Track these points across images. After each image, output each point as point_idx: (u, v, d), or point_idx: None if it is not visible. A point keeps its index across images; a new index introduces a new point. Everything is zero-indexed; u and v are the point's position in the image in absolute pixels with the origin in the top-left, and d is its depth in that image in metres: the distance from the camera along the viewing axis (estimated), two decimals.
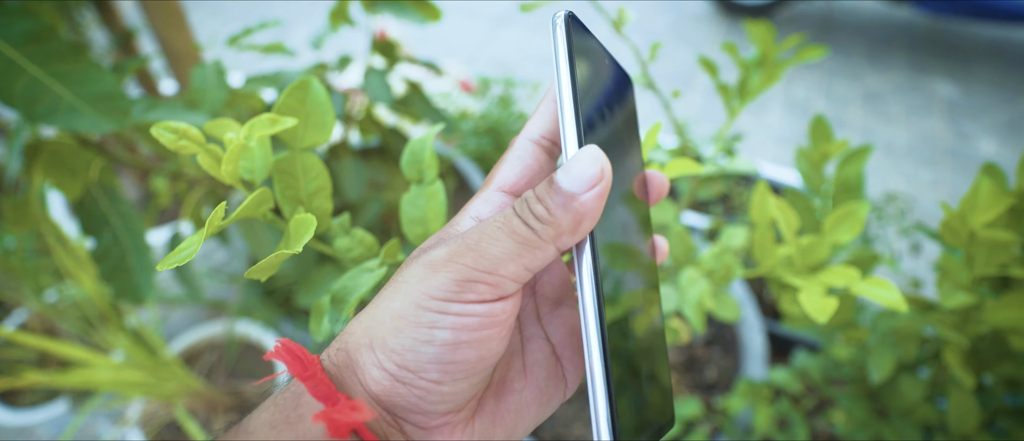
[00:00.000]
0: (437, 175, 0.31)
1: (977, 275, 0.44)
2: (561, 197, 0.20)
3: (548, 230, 0.20)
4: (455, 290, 0.20)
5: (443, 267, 0.21)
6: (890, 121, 2.03)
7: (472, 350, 0.21)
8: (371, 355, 0.21)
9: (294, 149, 0.30)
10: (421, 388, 0.21)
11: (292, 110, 0.30)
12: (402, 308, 0.21)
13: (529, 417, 0.25)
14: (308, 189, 0.30)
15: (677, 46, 2.38)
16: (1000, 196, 0.38)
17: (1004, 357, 0.56)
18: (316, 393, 0.21)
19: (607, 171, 0.20)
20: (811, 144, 0.53)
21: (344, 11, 0.80)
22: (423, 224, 0.32)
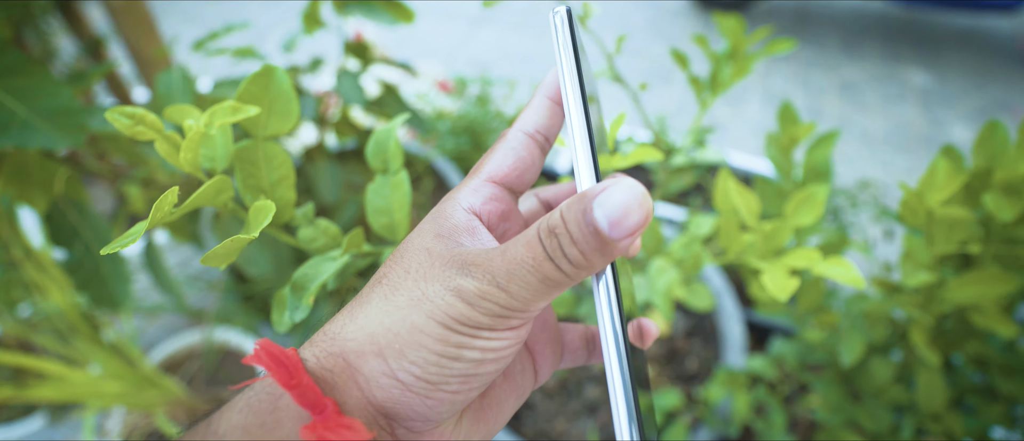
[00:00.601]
0: (402, 165, 0.32)
1: (937, 254, 0.45)
2: (598, 241, 0.18)
3: (580, 273, 0.19)
4: (488, 324, 0.20)
5: (474, 302, 0.20)
6: (866, 110, 2.06)
7: (494, 364, 0.21)
8: (380, 364, 0.21)
9: (257, 137, 0.30)
10: (436, 399, 0.21)
11: (255, 98, 0.30)
12: (426, 326, 0.20)
13: (507, 409, 0.26)
14: (271, 178, 0.30)
15: (654, 41, 2.40)
16: (955, 174, 0.39)
17: (969, 335, 0.57)
18: (302, 402, 0.19)
19: (651, 214, 0.18)
20: (780, 129, 0.54)
21: (315, 13, 0.80)
22: (388, 214, 0.32)
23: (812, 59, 2.31)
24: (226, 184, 0.26)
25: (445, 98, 1.34)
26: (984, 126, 0.42)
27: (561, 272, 0.19)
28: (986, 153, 0.42)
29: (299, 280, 0.27)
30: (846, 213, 1.09)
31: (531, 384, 0.27)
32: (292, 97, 0.29)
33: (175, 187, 0.22)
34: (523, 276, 0.19)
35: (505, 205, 0.24)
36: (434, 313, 0.20)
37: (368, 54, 0.91)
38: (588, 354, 0.29)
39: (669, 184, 0.65)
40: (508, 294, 0.20)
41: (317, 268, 0.28)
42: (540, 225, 0.20)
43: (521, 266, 0.19)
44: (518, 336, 0.21)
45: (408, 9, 0.82)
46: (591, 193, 0.18)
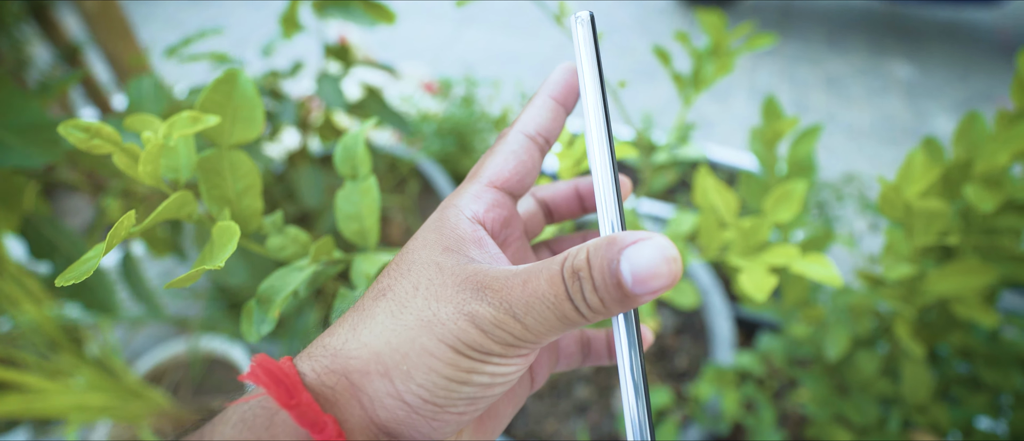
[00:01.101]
0: (370, 170, 0.31)
1: (918, 246, 0.45)
2: (620, 294, 0.18)
3: (598, 317, 0.19)
4: (499, 352, 0.20)
5: (489, 329, 0.19)
6: (851, 103, 2.07)
7: (501, 388, 0.21)
8: (386, 384, 0.20)
9: (221, 146, 0.29)
10: (442, 420, 0.21)
11: (217, 106, 0.29)
12: (437, 349, 0.20)
13: (504, 418, 0.26)
14: (236, 188, 0.30)
15: (640, 38, 2.41)
16: (931, 167, 0.39)
17: (952, 326, 0.58)
18: (302, 421, 0.19)
19: (678, 276, 0.18)
20: (763, 124, 0.54)
21: (294, 17, 0.79)
22: (358, 220, 0.31)
23: (797, 54, 2.32)
24: (188, 198, 0.25)
25: (430, 100, 1.34)
26: (963, 118, 0.42)
27: (579, 314, 0.19)
28: (966, 145, 0.42)
29: (265, 293, 0.26)
30: (832, 207, 1.10)
31: (528, 391, 0.27)
32: (256, 103, 0.29)
33: (131, 212, 0.22)
34: (541, 311, 0.19)
35: (507, 211, 0.24)
36: (445, 337, 0.20)
37: (350, 57, 0.90)
38: (582, 357, 0.29)
39: (653, 181, 0.65)
40: (524, 326, 0.19)
41: (284, 280, 0.27)
42: (565, 263, 0.19)
43: (541, 301, 0.19)
44: (527, 362, 0.21)
45: (389, 10, 0.82)
46: (621, 242, 0.18)
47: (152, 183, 0.27)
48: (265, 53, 0.85)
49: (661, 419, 0.85)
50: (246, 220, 0.30)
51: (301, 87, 1.44)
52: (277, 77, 0.87)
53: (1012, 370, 0.59)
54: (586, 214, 0.30)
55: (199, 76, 1.92)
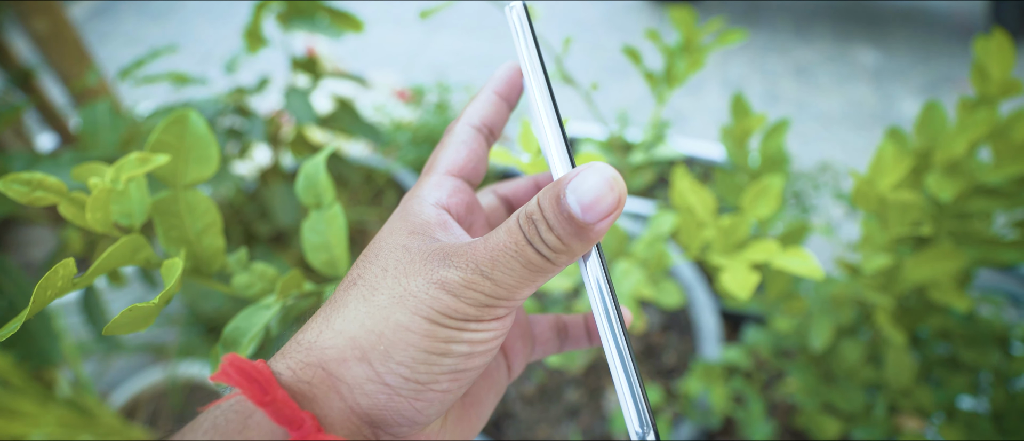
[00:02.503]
0: (335, 198, 0.30)
1: (893, 236, 0.45)
2: (574, 227, 0.19)
3: (562, 258, 0.20)
4: (475, 315, 0.20)
5: (460, 292, 0.20)
6: (821, 91, 2.11)
7: (482, 357, 0.21)
8: (365, 369, 0.20)
9: (176, 187, 0.28)
10: (425, 400, 0.20)
11: (169, 146, 0.28)
12: (412, 322, 0.19)
13: (486, 406, 0.26)
14: (196, 228, 0.28)
15: (611, 35, 2.42)
16: (901, 158, 0.39)
17: (930, 310, 0.58)
18: (278, 418, 0.18)
19: (624, 197, 0.19)
20: (733, 121, 0.54)
21: (257, 31, 0.77)
22: (327, 250, 0.30)
23: (766, 45, 2.35)
24: (139, 242, 0.24)
25: (404, 108, 1.32)
26: (923, 108, 0.43)
27: (543, 257, 0.19)
28: (927, 134, 0.42)
29: (231, 335, 0.25)
30: (809, 196, 1.11)
31: (506, 379, 0.27)
32: (210, 141, 0.28)
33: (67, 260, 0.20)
34: (507, 262, 0.19)
35: (468, 197, 0.24)
36: (419, 308, 0.20)
37: (318, 69, 0.89)
38: (559, 342, 0.29)
39: (630, 181, 0.65)
40: (493, 282, 0.19)
41: (250, 320, 0.26)
42: (520, 212, 0.20)
43: (504, 253, 0.19)
44: (504, 326, 0.21)
45: (356, 19, 0.80)
46: (565, 179, 0.19)
47: (103, 230, 0.25)
48: (229, 69, 0.83)
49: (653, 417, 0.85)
50: (208, 260, 0.28)
51: (269, 102, 1.41)
52: (243, 94, 0.85)
53: (989, 348, 0.60)
54: None
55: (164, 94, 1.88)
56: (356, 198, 1.09)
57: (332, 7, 0.78)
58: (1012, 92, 0.43)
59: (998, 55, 0.43)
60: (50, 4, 0.79)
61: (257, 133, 0.83)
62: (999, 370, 0.60)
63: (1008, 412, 0.59)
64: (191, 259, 0.28)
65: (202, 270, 0.28)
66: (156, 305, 0.21)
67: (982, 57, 0.44)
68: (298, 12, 0.78)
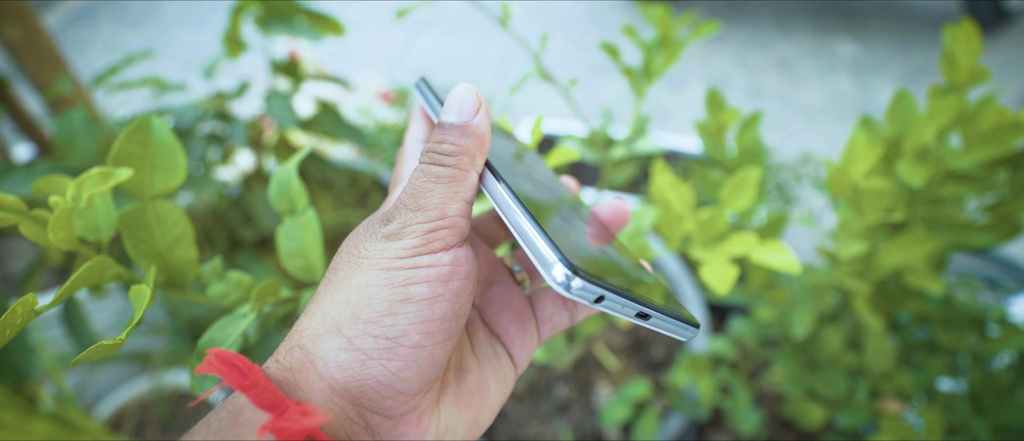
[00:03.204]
0: (308, 203, 0.30)
1: (868, 223, 0.46)
2: (456, 130, 0.23)
3: (463, 159, 0.22)
4: (421, 244, 0.21)
5: (404, 231, 0.22)
6: (803, 84, 2.13)
7: (447, 304, 0.21)
8: (336, 339, 0.20)
9: (143, 198, 0.28)
10: (398, 358, 0.20)
11: (133, 156, 0.27)
12: (370, 278, 0.21)
13: (490, 395, 0.26)
14: (167, 239, 0.28)
15: (595, 33, 2.42)
16: (873, 147, 0.39)
17: (907, 295, 0.59)
18: (260, 402, 0.19)
19: (482, 98, 0.23)
20: (708, 116, 0.54)
21: (237, 36, 0.77)
22: (303, 255, 0.30)
23: (748, 39, 2.37)
24: (106, 263, 0.24)
25: (388, 109, 1.32)
26: (893, 96, 0.44)
27: (448, 166, 0.22)
28: (897, 122, 0.43)
29: (206, 346, 0.25)
30: (791, 187, 1.12)
31: (510, 369, 0.27)
32: (176, 149, 0.27)
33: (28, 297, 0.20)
34: (425, 187, 0.22)
35: None
36: (374, 263, 0.21)
37: (299, 72, 0.88)
38: (570, 315, 0.29)
39: (612, 176, 0.65)
40: (423, 210, 0.22)
41: (225, 330, 0.26)
42: (422, 151, 0.23)
43: (420, 182, 0.22)
44: (455, 257, 0.22)
45: (336, 22, 0.80)
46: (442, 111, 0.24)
47: (67, 247, 0.25)
48: (208, 74, 0.82)
49: (641, 411, 0.85)
50: (181, 272, 0.28)
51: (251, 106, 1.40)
52: (224, 99, 0.84)
53: (965, 331, 0.61)
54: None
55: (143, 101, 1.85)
56: (341, 201, 1.09)
57: (311, 10, 0.78)
58: (979, 80, 0.44)
59: (965, 44, 0.44)
60: (23, 11, 0.78)
61: (239, 138, 0.83)
62: (975, 352, 0.61)
63: (985, 392, 0.60)
64: (164, 272, 0.28)
65: (176, 282, 0.28)
66: (121, 341, 0.21)
67: (951, 46, 0.45)
68: (276, 15, 0.78)
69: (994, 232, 0.51)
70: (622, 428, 0.89)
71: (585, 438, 0.87)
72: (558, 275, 0.19)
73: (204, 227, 0.90)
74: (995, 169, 0.51)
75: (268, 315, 0.30)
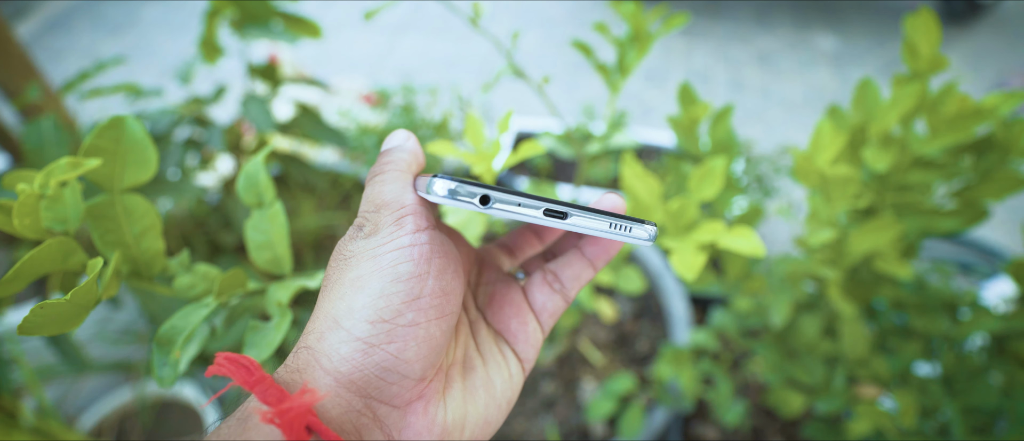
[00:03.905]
0: (275, 196, 0.30)
1: (836, 211, 0.47)
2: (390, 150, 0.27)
3: (399, 163, 0.25)
4: (397, 229, 0.23)
5: (378, 226, 0.24)
6: (783, 77, 2.16)
7: (434, 280, 0.23)
8: (337, 333, 0.22)
9: (112, 191, 0.28)
10: (398, 339, 0.21)
11: (104, 151, 0.27)
12: (360, 269, 0.23)
13: (496, 393, 0.26)
14: (134, 231, 0.28)
15: (578, 31, 2.44)
16: (837, 135, 0.40)
17: (882, 283, 0.60)
18: (267, 398, 0.20)
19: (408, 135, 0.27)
20: (681, 110, 0.55)
21: (213, 41, 0.76)
22: (270, 248, 0.30)
23: (729, 34, 2.40)
24: (71, 246, 0.24)
25: (370, 112, 1.32)
26: (858, 85, 0.44)
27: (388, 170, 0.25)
28: (862, 110, 0.44)
29: (165, 335, 0.25)
30: (771, 179, 1.14)
31: (517, 368, 0.28)
32: (147, 145, 0.27)
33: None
34: (377, 190, 0.25)
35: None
36: (361, 257, 0.23)
37: (277, 76, 0.88)
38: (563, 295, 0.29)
39: (589, 171, 0.66)
40: (385, 206, 0.24)
41: (186, 318, 0.26)
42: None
43: (372, 190, 0.25)
44: (432, 237, 0.24)
45: (313, 24, 0.80)
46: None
47: (33, 236, 0.25)
48: (183, 79, 0.81)
49: (626, 405, 0.86)
50: (148, 262, 0.28)
51: (230, 111, 1.39)
52: (201, 104, 0.84)
53: (938, 315, 0.62)
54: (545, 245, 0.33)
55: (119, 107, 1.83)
56: (323, 203, 1.08)
57: (287, 12, 0.77)
58: (939, 67, 0.45)
59: (925, 32, 0.45)
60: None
61: (217, 143, 0.82)
62: (948, 336, 0.62)
63: (957, 374, 0.61)
64: (130, 262, 0.28)
65: (142, 273, 0.28)
66: (67, 302, 0.21)
67: (912, 35, 0.46)
68: (251, 18, 0.77)
69: (961, 217, 0.52)
70: (607, 423, 0.89)
71: (571, 434, 0.88)
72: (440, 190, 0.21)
73: (184, 233, 0.89)
74: (960, 155, 0.52)
75: (236, 307, 0.30)
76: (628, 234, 0.24)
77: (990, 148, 0.48)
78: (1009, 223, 1.54)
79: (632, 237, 0.24)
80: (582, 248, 0.29)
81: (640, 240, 0.24)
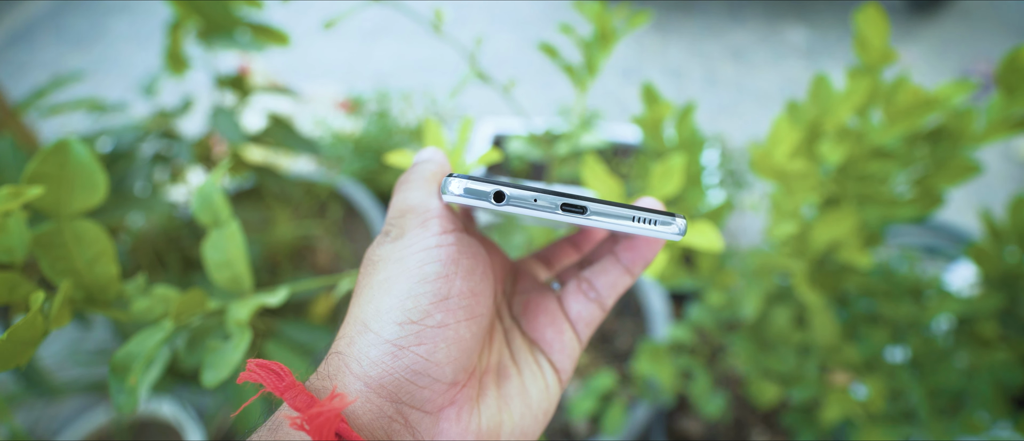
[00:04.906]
0: (231, 214, 0.30)
1: (798, 203, 0.48)
2: (414, 166, 0.27)
3: (425, 169, 0.26)
4: (423, 232, 0.23)
5: (404, 230, 0.24)
6: (757, 71, 2.19)
7: (462, 280, 0.23)
8: (367, 336, 0.21)
9: (60, 218, 0.28)
10: (428, 341, 0.21)
11: (49, 177, 0.27)
12: (387, 272, 0.23)
13: (532, 403, 0.26)
14: (85, 258, 0.28)
15: (550, 31, 2.44)
16: (793, 129, 0.41)
17: (847, 271, 0.62)
18: (297, 404, 0.19)
19: (436, 152, 0.27)
20: (645, 109, 0.56)
21: (178, 53, 0.75)
22: (229, 266, 0.30)
23: (702, 29, 2.42)
24: (16, 280, 0.23)
25: (346, 119, 1.31)
26: (813, 79, 0.45)
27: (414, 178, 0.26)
28: (818, 104, 0.45)
29: (121, 361, 0.25)
30: (743, 174, 1.16)
31: (554, 379, 0.27)
32: (94, 169, 0.27)
33: None
34: (404, 196, 0.25)
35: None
36: (388, 260, 0.23)
37: (245, 86, 0.87)
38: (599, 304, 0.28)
39: (559, 171, 0.66)
40: (412, 211, 0.24)
41: (143, 343, 0.25)
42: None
43: (398, 197, 0.25)
44: (459, 238, 0.24)
45: (281, 33, 0.79)
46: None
47: None
48: (148, 92, 0.80)
49: (608, 402, 0.86)
50: (102, 288, 0.28)
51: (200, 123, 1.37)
52: (168, 117, 0.83)
53: (904, 300, 0.64)
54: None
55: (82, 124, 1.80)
56: (299, 212, 1.07)
57: (253, 21, 0.77)
58: (889, 60, 0.46)
59: (875, 26, 0.46)
60: None
61: (185, 156, 0.81)
62: (914, 320, 0.64)
63: (924, 357, 0.63)
64: (83, 289, 0.27)
65: (97, 299, 0.28)
66: (5, 340, 0.20)
67: (862, 28, 0.47)
68: (217, 29, 0.76)
69: (918, 204, 0.53)
70: (590, 420, 0.90)
71: (553, 433, 0.88)
72: (456, 188, 0.21)
73: (156, 250, 0.88)
74: (916, 144, 0.53)
75: (198, 328, 0.30)
76: (653, 228, 0.22)
77: (943, 137, 0.50)
78: (977, 208, 1.58)
79: (658, 232, 0.22)
80: (618, 254, 0.28)
81: (668, 234, 0.22)
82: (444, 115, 1.37)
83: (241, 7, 0.74)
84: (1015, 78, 0.42)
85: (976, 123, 0.45)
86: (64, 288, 0.25)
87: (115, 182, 0.66)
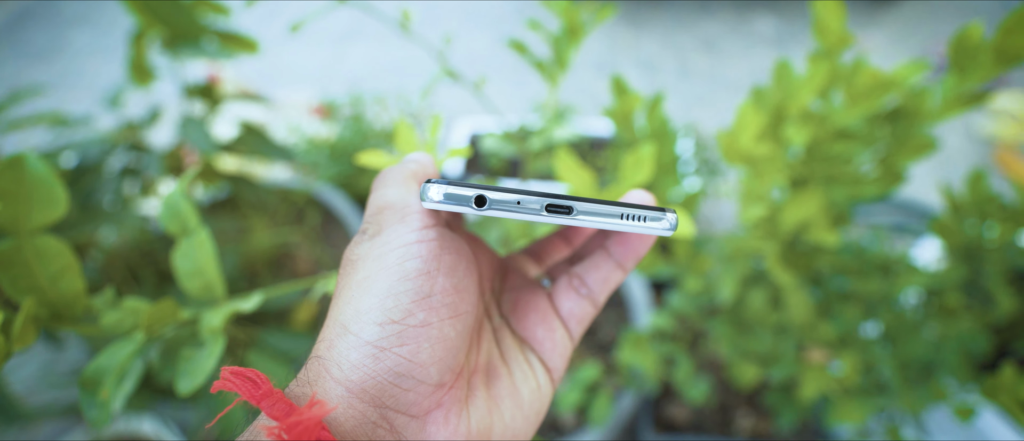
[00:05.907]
0: (200, 222, 0.30)
1: (766, 186, 0.49)
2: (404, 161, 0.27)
3: (404, 169, 0.26)
4: (403, 228, 0.23)
5: (383, 227, 0.23)
6: (728, 61, 2.22)
7: (445, 277, 0.22)
8: (347, 339, 0.21)
9: (19, 235, 0.27)
10: (410, 341, 0.20)
11: (6, 194, 0.27)
12: (366, 271, 0.22)
13: (523, 403, 0.25)
14: (48, 273, 0.27)
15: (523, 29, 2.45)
16: (757, 114, 0.42)
17: (818, 251, 0.63)
18: (275, 413, 0.18)
19: (419, 157, 0.27)
20: (615, 101, 0.56)
21: (142, 64, 0.74)
22: (201, 275, 0.30)
23: (674, 21, 2.45)
24: None
25: (321, 124, 1.30)
26: (775, 65, 0.46)
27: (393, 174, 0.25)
28: (781, 89, 0.46)
29: (91, 375, 0.25)
30: (717, 162, 1.17)
31: (545, 379, 0.26)
32: (53, 183, 0.27)
33: None
34: (382, 193, 0.25)
35: None
36: (366, 259, 0.22)
37: (215, 94, 0.86)
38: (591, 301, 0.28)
39: (533, 166, 0.67)
40: (390, 207, 0.24)
41: (113, 357, 0.25)
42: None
43: (376, 194, 0.25)
44: (441, 233, 0.23)
45: (249, 40, 0.78)
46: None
47: None
48: (113, 104, 0.79)
49: (594, 393, 0.87)
50: (68, 304, 0.27)
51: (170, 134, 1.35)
52: (135, 129, 0.81)
53: (874, 276, 0.66)
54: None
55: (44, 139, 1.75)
56: (276, 220, 1.06)
57: (221, 29, 0.76)
58: (847, 43, 0.47)
59: (832, 11, 0.47)
60: None
61: (156, 169, 0.80)
62: (885, 294, 0.66)
63: (897, 331, 0.65)
64: (48, 306, 0.27)
65: (64, 315, 0.27)
66: None
67: (820, 14, 0.48)
68: (182, 38, 0.75)
69: (881, 182, 0.55)
70: (578, 412, 0.91)
71: (540, 426, 0.89)
72: (435, 194, 0.21)
73: (129, 265, 0.87)
74: (877, 124, 0.55)
75: (172, 338, 0.30)
76: (643, 225, 0.21)
77: (902, 116, 0.51)
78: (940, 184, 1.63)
79: (649, 228, 0.21)
80: (609, 249, 0.28)
81: (658, 230, 0.22)
82: (419, 117, 1.37)
83: (207, 14, 0.73)
84: (964, 57, 0.43)
85: (931, 101, 0.47)
86: (27, 306, 0.24)
87: (82, 197, 0.65)
